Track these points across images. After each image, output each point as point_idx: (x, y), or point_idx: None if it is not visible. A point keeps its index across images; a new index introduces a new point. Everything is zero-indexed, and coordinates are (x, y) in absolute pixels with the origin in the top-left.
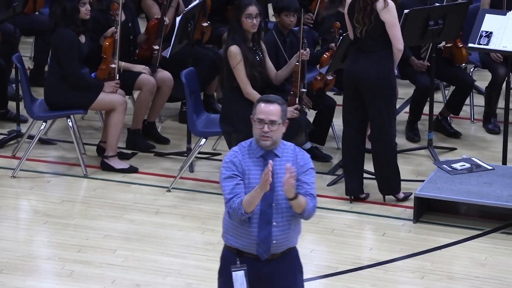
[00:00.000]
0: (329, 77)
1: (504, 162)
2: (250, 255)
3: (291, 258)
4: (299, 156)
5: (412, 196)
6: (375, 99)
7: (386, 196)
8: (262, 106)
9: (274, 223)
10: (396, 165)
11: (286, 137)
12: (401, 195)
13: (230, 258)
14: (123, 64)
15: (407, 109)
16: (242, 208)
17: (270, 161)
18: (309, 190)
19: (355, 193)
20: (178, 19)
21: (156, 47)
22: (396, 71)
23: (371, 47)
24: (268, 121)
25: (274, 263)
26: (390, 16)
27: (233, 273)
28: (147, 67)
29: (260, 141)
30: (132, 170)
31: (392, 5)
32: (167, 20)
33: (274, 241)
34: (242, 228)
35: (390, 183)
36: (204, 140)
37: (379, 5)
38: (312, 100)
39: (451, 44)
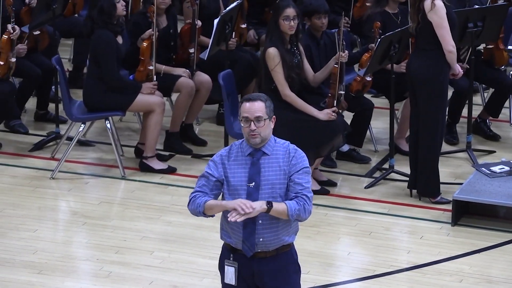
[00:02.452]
0: (368, 79)
1: None
2: (242, 252)
3: (285, 258)
4: (292, 154)
5: (450, 199)
6: (423, 98)
7: (423, 197)
8: (247, 105)
9: (260, 221)
10: (435, 169)
11: (324, 138)
12: (438, 198)
13: (226, 254)
14: (163, 67)
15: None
16: (203, 208)
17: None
18: (301, 191)
19: (410, 186)
20: (216, 21)
21: (192, 50)
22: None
23: (423, 45)
24: (253, 118)
25: (266, 261)
26: (436, 17)
27: (226, 267)
28: (187, 71)
29: (250, 139)
30: (171, 170)
31: (439, 6)
32: (199, 23)
33: (261, 239)
34: (232, 225)
35: (428, 186)
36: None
37: (427, 6)
38: (350, 102)
39: (492, 46)
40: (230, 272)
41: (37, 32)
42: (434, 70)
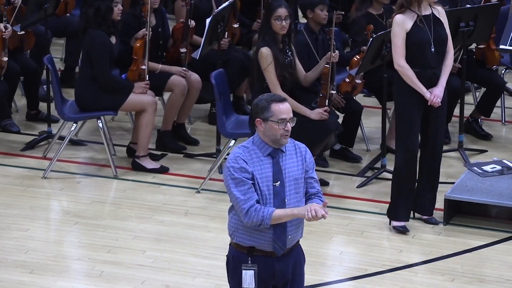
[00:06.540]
0: (358, 81)
1: None
2: (263, 253)
3: (298, 251)
4: (304, 149)
5: (442, 199)
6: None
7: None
8: (283, 106)
9: None
10: (398, 191)
11: (317, 138)
12: (393, 224)
13: (241, 258)
14: (160, 66)
15: None
16: (270, 220)
17: (325, 201)
18: (318, 187)
19: None
20: (208, 20)
21: (183, 49)
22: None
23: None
24: (289, 119)
25: (285, 258)
26: (392, 31)
27: (243, 271)
28: (185, 69)
29: (282, 140)
30: (164, 169)
31: (395, 21)
32: (192, 23)
33: (289, 236)
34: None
35: (389, 206)
36: (233, 141)
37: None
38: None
39: (484, 46)
40: (249, 276)
41: (22, 32)
42: (395, 86)
